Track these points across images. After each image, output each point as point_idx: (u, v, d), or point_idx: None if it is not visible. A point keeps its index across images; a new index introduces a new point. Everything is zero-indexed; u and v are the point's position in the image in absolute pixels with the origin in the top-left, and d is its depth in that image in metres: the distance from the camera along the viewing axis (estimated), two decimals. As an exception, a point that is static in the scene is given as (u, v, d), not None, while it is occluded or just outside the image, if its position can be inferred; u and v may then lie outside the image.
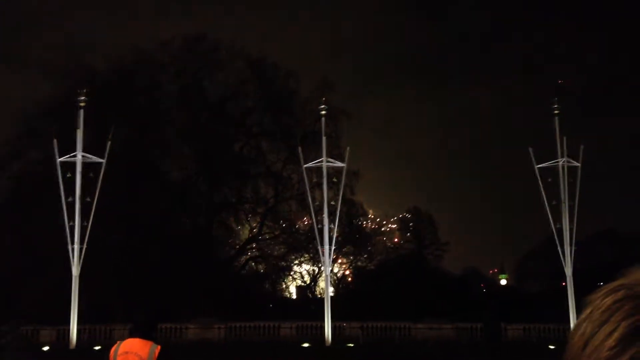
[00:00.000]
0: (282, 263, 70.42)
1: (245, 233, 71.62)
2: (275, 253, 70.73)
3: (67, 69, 57.65)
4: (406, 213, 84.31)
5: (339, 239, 56.26)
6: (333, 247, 42.97)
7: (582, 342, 0.82)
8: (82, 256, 38.48)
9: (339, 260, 70.19)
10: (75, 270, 38.28)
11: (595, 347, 0.79)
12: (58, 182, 38.96)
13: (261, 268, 70.78)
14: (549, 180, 42.51)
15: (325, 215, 42.49)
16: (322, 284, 59.59)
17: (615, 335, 0.77)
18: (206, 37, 65.17)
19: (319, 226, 43.11)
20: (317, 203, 45.79)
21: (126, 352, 8.47)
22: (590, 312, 0.84)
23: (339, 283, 70.57)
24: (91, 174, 39.12)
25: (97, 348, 34.08)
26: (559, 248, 41.86)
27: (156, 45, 62.76)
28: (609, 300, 0.83)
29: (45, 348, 37.95)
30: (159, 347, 8.55)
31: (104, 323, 43.64)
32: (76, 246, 38.46)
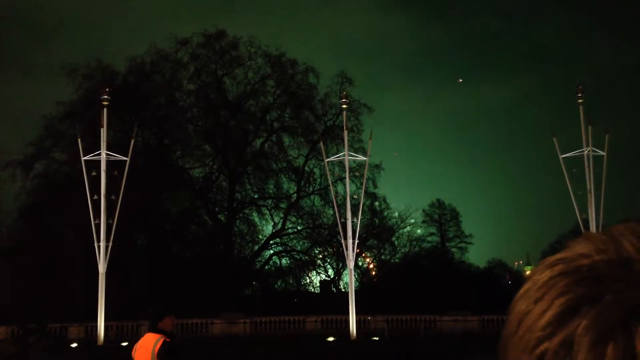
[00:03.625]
0: (306, 257, 70.46)
1: (268, 228, 71.78)
2: (299, 248, 70.79)
3: (87, 70, 58.10)
4: (429, 206, 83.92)
5: (363, 232, 56.11)
6: (357, 241, 42.85)
7: (516, 321, 0.72)
8: (108, 254, 38.87)
9: (363, 254, 69.97)
10: (102, 268, 38.67)
11: (527, 327, 0.69)
12: (83, 181, 39.31)
13: (285, 263, 70.92)
14: (574, 170, 41.95)
15: (348, 208, 42.39)
16: (346, 277, 59.53)
17: (548, 314, 0.67)
18: (225, 34, 65.23)
19: (342, 220, 43.03)
20: (339, 197, 45.74)
21: (140, 347, 8.74)
22: (527, 289, 0.73)
23: (363, 277, 70.38)
24: (115, 172, 39.42)
25: (124, 344, 34.38)
26: (585, 238, 41.22)
27: (175, 43, 63.04)
28: (544, 276, 0.72)
29: (74, 345, 38.37)
30: (162, 339, 8.54)
31: (130, 319, 44.03)
32: (102, 244, 38.83)
